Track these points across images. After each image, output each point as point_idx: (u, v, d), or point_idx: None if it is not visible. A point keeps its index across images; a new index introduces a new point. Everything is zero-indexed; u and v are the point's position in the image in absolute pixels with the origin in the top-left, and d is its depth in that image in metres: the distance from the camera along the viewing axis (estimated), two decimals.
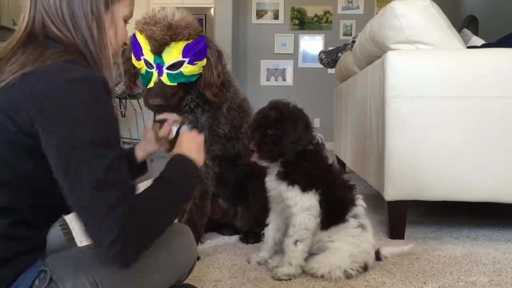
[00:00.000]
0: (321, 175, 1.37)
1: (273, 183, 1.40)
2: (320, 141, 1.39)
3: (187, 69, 1.48)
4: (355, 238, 1.36)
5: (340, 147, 3.38)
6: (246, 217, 1.77)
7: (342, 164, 3.67)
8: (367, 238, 1.39)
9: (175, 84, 1.49)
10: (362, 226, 1.39)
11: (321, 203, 1.35)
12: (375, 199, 2.55)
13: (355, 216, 1.39)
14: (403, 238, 1.79)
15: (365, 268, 1.38)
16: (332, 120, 4.05)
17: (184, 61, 1.47)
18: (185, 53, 1.47)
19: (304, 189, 1.34)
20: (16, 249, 0.84)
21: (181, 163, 1.00)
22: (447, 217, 2.18)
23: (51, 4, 0.89)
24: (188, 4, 5.37)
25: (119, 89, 3.84)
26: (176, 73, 1.47)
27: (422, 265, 1.48)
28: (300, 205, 1.34)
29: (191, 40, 1.48)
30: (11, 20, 5.04)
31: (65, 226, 1.10)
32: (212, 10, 5.73)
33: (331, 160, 1.44)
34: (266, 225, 1.48)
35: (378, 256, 1.47)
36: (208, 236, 1.80)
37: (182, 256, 1.04)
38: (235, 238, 1.79)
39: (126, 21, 1.00)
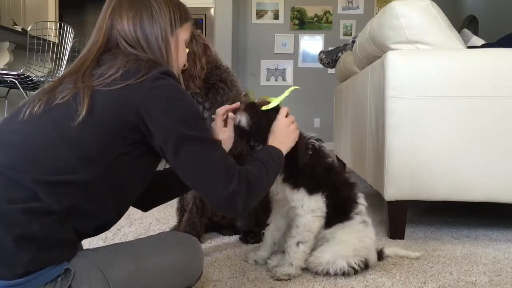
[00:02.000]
0: (326, 176, 1.36)
1: (277, 187, 1.37)
2: (316, 146, 1.37)
3: None
4: (360, 233, 1.37)
5: (340, 147, 3.38)
6: (246, 217, 1.77)
7: (342, 164, 3.67)
8: (369, 234, 1.40)
9: None
10: (365, 222, 1.39)
11: (327, 204, 1.35)
12: (375, 199, 2.55)
13: (358, 213, 1.39)
14: (403, 238, 1.79)
15: (366, 264, 1.37)
16: (332, 120, 4.05)
17: None
18: None
19: (311, 192, 1.33)
20: (65, 235, 0.88)
21: (273, 155, 1.16)
22: (447, 217, 2.18)
23: (126, 29, 1.03)
24: (188, 4, 5.33)
25: None
26: None
27: (422, 265, 1.48)
28: (307, 207, 1.33)
29: None
30: (11, 20, 5.04)
31: None
32: (212, 10, 5.73)
33: (331, 159, 1.43)
34: (267, 224, 1.48)
35: (380, 255, 1.47)
36: (208, 236, 1.80)
37: (190, 265, 1.10)
38: (235, 238, 1.79)
39: (186, 46, 1.14)
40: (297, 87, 1.50)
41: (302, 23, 6.45)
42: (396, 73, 1.76)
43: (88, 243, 1.65)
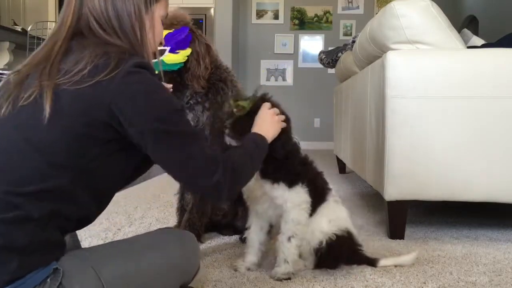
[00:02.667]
0: (302, 170, 1.37)
1: (255, 183, 1.36)
2: (296, 140, 1.40)
3: (169, 57, 1.50)
4: (333, 208, 1.42)
5: (340, 147, 3.38)
6: (247, 217, 1.76)
7: (342, 164, 3.67)
8: (342, 209, 1.44)
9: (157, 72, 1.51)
10: (336, 201, 1.45)
11: (309, 192, 1.36)
12: (375, 199, 2.55)
13: (331, 196, 1.44)
14: (403, 238, 1.79)
15: (348, 233, 1.39)
16: (332, 120, 4.05)
17: (165, 50, 1.49)
18: (166, 41, 1.49)
19: (291, 184, 1.33)
20: (49, 238, 0.86)
21: (258, 141, 1.18)
22: (447, 217, 2.18)
23: (97, 7, 0.95)
24: (188, 4, 5.37)
25: None
26: (157, 62, 1.49)
27: (422, 265, 1.48)
28: (291, 202, 1.33)
29: (173, 30, 1.51)
30: (11, 20, 5.04)
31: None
32: (212, 10, 5.73)
33: (304, 153, 1.45)
34: (246, 228, 1.46)
35: (373, 264, 1.44)
36: (208, 236, 1.80)
37: (187, 262, 1.08)
38: (235, 238, 1.79)
39: (162, 22, 1.07)
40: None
41: (302, 23, 6.45)
42: (396, 73, 1.76)
43: (88, 243, 1.65)
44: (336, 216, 1.41)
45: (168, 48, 1.49)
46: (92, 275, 0.88)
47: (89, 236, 1.74)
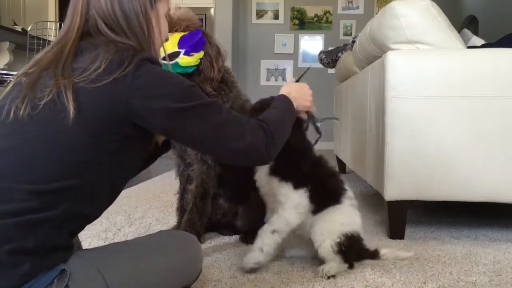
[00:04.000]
0: (312, 171, 1.39)
1: (264, 179, 1.41)
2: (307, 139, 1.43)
3: (184, 60, 1.51)
4: (350, 213, 1.41)
5: (340, 147, 3.38)
6: (247, 217, 1.77)
7: (342, 164, 3.67)
8: (357, 215, 1.44)
9: None
10: (353, 205, 1.44)
11: (312, 197, 1.37)
12: (375, 199, 2.55)
13: (347, 198, 1.43)
14: (403, 238, 1.79)
15: (358, 237, 1.39)
16: (332, 120, 4.05)
17: (180, 52, 1.50)
18: (180, 44, 1.50)
19: (296, 186, 1.36)
20: (60, 240, 0.87)
21: (283, 100, 1.25)
22: (447, 217, 2.18)
23: (104, 8, 0.96)
24: (188, 4, 5.37)
25: None
26: (172, 64, 1.50)
27: (422, 265, 1.48)
28: (290, 201, 1.36)
29: (187, 32, 1.52)
30: (11, 20, 5.04)
31: None
32: (212, 10, 5.73)
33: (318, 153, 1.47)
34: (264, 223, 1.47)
35: (376, 255, 1.46)
36: (208, 236, 1.80)
37: (189, 264, 1.09)
38: (235, 238, 1.79)
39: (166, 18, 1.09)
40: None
41: (302, 23, 6.45)
42: (396, 73, 1.76)
43: (88, 243, 1.65)
44: (348, 221, 1.40)
45: (183, 51, 1.50)
46: (97, 277, 0.89)
47: (89, 236, 1.74)
